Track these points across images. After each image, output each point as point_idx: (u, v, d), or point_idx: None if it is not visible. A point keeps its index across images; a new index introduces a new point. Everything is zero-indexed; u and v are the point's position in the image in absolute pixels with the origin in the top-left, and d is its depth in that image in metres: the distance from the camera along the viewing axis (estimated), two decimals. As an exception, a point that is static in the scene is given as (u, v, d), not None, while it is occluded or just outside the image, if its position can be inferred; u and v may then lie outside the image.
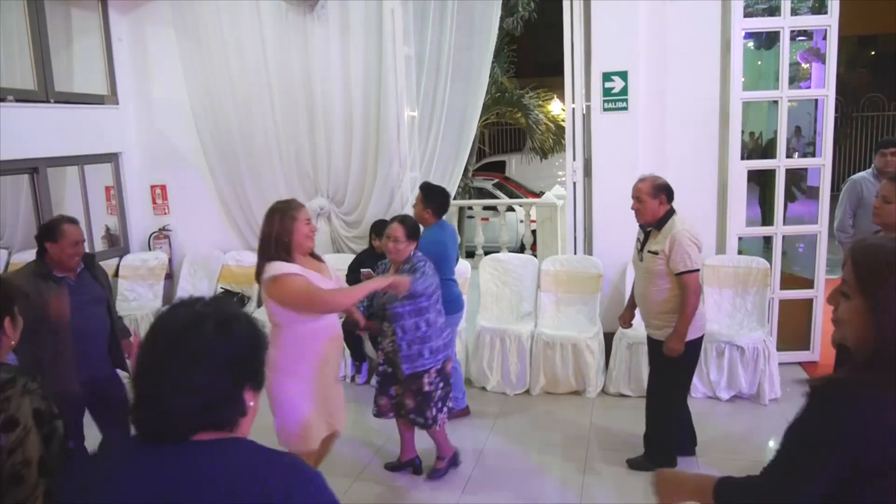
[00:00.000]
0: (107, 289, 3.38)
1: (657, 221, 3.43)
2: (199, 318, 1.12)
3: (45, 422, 1.74)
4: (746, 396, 4.43)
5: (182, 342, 1.10)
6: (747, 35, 4.71)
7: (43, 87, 5.08)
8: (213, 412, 1.11)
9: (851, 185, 4.72)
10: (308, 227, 2.94)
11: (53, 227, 3.12)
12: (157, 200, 6.09)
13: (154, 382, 1.10)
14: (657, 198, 3.42)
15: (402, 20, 5.06)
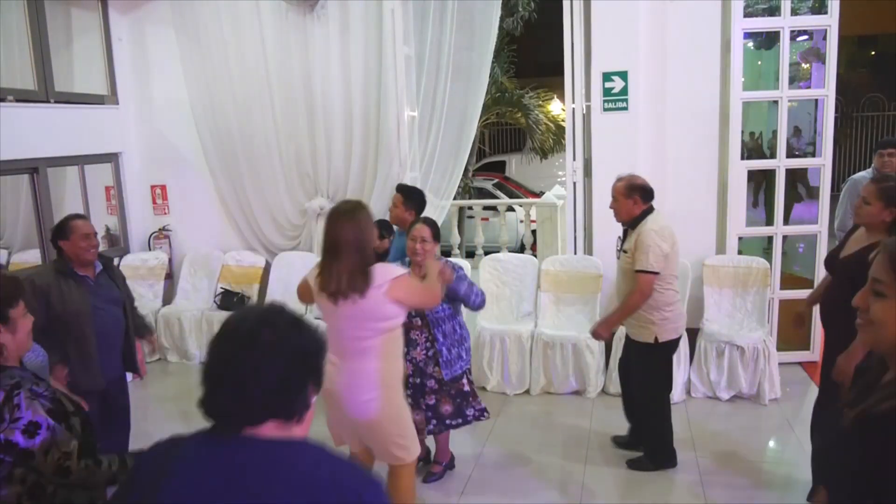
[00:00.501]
0: (123, 290, 3.43)
1: (632, 221, 3.49)
2: (272, 314, 1.23)
3: (63, 419, 1.79)
4: (746, 396, 4.43)
5: (258, 335, 1.19)
6: (747, 35, 4.70)
7: (43, 87, 5.08)
8: (285, 402, 1.20)
9: (852, 184, 4.72)
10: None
11: (63, 225, 3.19)
12: (157, 200, 6.09)
13: (233, 371, 1.18)
14: (631, 198, 3.47)
15: (402, 20, 5.06)
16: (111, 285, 3.34)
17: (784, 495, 3.42)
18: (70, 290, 3.12)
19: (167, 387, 5.21)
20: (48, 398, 1.79)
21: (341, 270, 2.51)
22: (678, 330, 3.52)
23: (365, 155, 5.34)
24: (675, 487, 3.51)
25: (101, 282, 3.28)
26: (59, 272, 3.15)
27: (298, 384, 1.21)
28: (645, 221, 3.43)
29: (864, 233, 2.99)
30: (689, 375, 4.56)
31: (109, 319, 3.27)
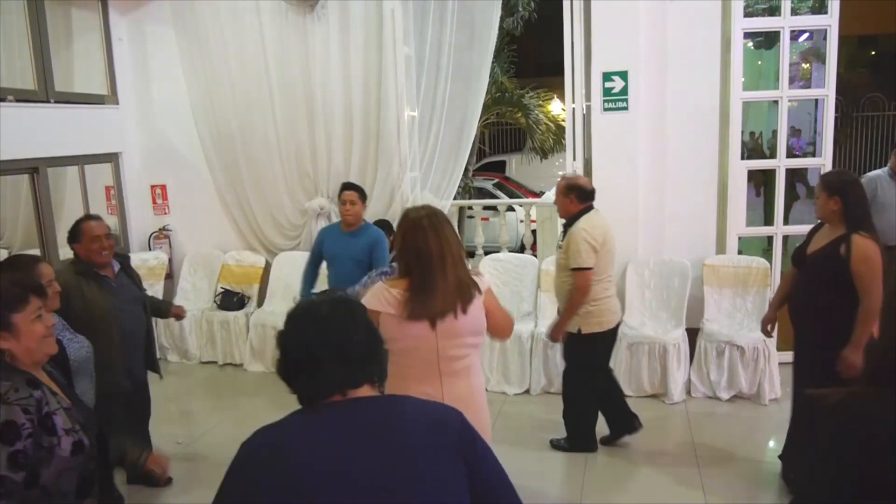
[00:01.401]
0: (142, 289, 3.45)
1: (569, 219, 3.67)
2: (332, 297, 1.41)
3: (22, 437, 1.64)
4: (747, 396, 4.43)
5: (338, 312, 1.35)
6: (746, 35, 4.70)
7: (43, 87, 5.08)
8: (376, 364, 1.37)
9: (867, 181, 4.73)
10: None
11: (74, 227, 3.20)
12: (158, 200, 6.09)
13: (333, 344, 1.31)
14: (567, 196, 3.66)
15: (402, 20, 5.06)
16: (131, 284, 3.35)
17: (784, 495, 3.41)
18: (92, 291, 3.10)
19: (167, 386, 5.20)
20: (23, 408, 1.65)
21: (447, 287, 2.18)
22: (603, 325, 3.64)
23: (365, 155, 5.34)
24: (675, 487, 3.51)
25: (122, 281, 3.29)
26: (80, 273, 3.12)
27: (380, 348, 1.39)
28: (579, 221, 3.61)
29: (829, 229, 3.10)
30: (689, 375, 4.57)
31: (132, 320, 3.27)
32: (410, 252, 2.21)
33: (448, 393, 2.23)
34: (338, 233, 4.28)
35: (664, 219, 4.84)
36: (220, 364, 5.57)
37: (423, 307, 2.17)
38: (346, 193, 4.21)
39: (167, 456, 2.35)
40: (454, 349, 2.24)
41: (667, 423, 4.30)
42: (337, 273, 4.20)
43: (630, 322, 4.72)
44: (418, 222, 2.22)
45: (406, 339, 2.19)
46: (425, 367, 2.23)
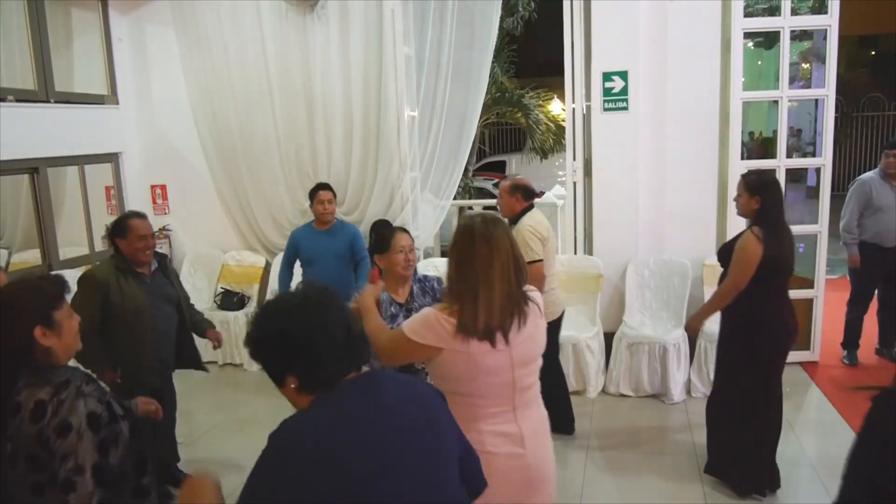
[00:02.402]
0: (178, 289, 3.49)
1: (514, 217, 3.81)
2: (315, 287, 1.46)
3: (102, 426, 1.68)
4: (746, 396, 4.43)
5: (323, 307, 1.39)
6: (747, 35, 4.70)
7: (43, 87, 5.08)
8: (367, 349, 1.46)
9: (860, 185, 4.73)
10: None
11: (121, 223, 3.24)
12: (158, 200, 6.09)
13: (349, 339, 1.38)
14: (514, 195, 3.83)
15: (403, 20, 5.06)
16: (166, 283, 3.40)
17: (784, 495, 3.41)
18: (129, 286, 3.18)
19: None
20: (95, 398, 1.71)
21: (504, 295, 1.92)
22: (548, 315, 3.71)
23: (365, 155, 5.34)
24: (674, 487, 3.51)
25: (157, 280, 3.34)
26: (119, 269, 3.19)
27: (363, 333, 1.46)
28: (523, 219, 3.78)
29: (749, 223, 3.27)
30: (690, 375, 4.57)
31: (164, 318, 3.34)
32: (461, 268, 1.95)
33: (526, 427, 1.99)
34: (313, 233, 4.37)
35: (664, 219, 4.85)
36: (220, 364, 5.57)
37: (474, 327, 1.88)
38: (322, 193, 4.36)
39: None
40: (528, 377, 2.01)
41: (667, 424, 4.30)
42: (318, 272, 4.26)
43: (630, 322, 4.73)
44: (470, 233, 1.96)
45: (480, 377, 1.91)
46: (498, 404, 1.96)
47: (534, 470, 1.99)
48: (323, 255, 4.29)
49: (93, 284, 3.16)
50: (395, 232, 2.82)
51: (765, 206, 3.15)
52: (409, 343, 1.94)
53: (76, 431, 1.62)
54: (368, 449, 1.28)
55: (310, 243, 4.35)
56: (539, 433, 2.05)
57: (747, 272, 3.12)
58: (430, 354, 1.93)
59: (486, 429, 1.92)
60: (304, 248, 4.37)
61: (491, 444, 1.91)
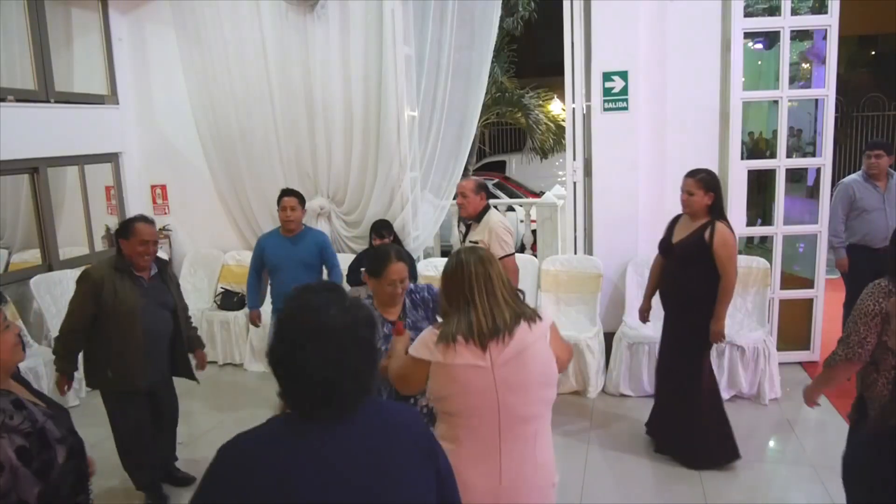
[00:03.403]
0: (176, 296, 3.49)
1: (477, 215, 3.93)
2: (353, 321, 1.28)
3: (35, 456, 1.63)
4: (747, 396, 4.43)
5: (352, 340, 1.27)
6: (747, 35, 4.70)
7: (43, 87, 5.08)
8: (371, 387, 1.32)
9: (843, 188, 4.72)
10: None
11: (127, 224, 3.26)
12: (158, 200, 6.09)
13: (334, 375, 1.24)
14: (479, 194, 3.96)
15: (403, 20, 5.06)
16: (164, 289, 3.41)
17: (784, 495, 3.42)
18: (124, 287, 3.19)
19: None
20: (24, 433, 1.63)
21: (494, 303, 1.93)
22: None
23: (365, 155, 5.34)
24: (675, 487, 3.51)
25: (155, 284, 3.36)
26: (116, 269, 3.21)
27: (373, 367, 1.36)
28: (489, 215, 3.92)
29: (689, 220, 3.56)
30: (690, 375, 4.56)
31: (158, 321, 3.34)
32: (450, 294, 1.98)
33: (508, 463, 1.91)
34: (279, 240, 4.26)
35: (665, 218, 4.80)
36: (220, 364, 5.57)
37: (459, 329, 1.89)
38: (286, 200, 4.21)
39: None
40: (523, 406, 1.91)
41: (667, 423, 4.29)
42: (284, 280, 4.18)
43: (630, 322, 4.72)
44: (457, 267, 1.98)
45: (458, 396, 1.89)
46: (480, 429, 1.90)
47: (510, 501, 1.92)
48: (288, 262, 4.18)
49: (88, 283, 3.18)
50: (390, 260, 2.53)
51: (716, 202, 3.47)
52: (410, 360, 2.00)
53: (9, 469, 1.58)
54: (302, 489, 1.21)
55: (275, 251, 4.23)
56: (523, 477, 1.93)
57: (735, 261, 3.43)
58: (424, 369, 1.94)
59: (464, 452, 1.88)
60: (269, 256, 4.25)
61: (465, 470, 1.81)
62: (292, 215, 4.19)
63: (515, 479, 1.93)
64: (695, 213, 3.52)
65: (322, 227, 5.60)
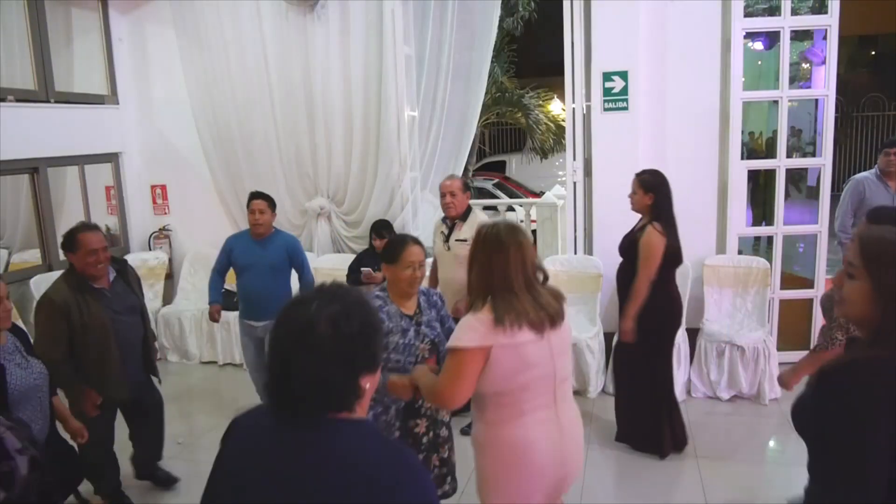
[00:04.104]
0: (140, 296, 3.39)
1: (463, 214, 4.04)
2: (313, 319, 1.20)
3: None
4: (747, 396, 4.43)
5: (302, 341, 1.20)
6: (747, 35, 4.70)
7: (43, 87, 5.08)
8: (335, 399, 1.23)
9: (854, 184, 4.71)
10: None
11: (70, 236, 3.10)
12: (158, 200, 6.09)
13: (283, 374, 1.21)
14: (465, 193, 4.07)
15: (403, 20, 5.06)
16: (127, 292, 3.29)
17: (784, 495, 3.41)
18: (88, 304, 3.06)
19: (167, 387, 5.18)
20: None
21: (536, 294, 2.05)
22: None
23: (365, 155, 5.34)
24: (675, 487, 3.51)
25: (117, 290, 3.23)
26: (74, 288, 3.06)
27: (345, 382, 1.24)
28: (475, 213, 4.05)
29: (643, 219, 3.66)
30: (690, 375, 4.56)
31: (128, 328, 3.25)
32: (483, 269, 2.04)
33: (564, 418, 2.13)
34: (248, 242, 4.19)
35: (664, 219, 4.84)
36: (220, 364, 5.57)
37: (514, 315, 1.97)
38: (255, 202, 4.13)
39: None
40: (566, 368, 2.13)
41: (667, 423, 4.30)
42: (251, 282, 4.15)
43: (630, 322, 4.73)
44: (492, 238, 2.06)
45: (526, 370, 2.00)
46: (541, 395, 2.06)
47: (572, 457, 2.15)
48: (256, 265, 4.13)
49: (53, 310, 3.00)
50: (407, 243, 2.55)
51: (657, 202, 3.56)
52: (462, 354, 1.97)
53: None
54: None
55: (243, 252, 4.18)
56: (574, 425, 2.18)
57: (655, 263, 3.50)
58: (483, 357, 1.97)
59: (529, 421, 2.02)
60: (237, 256, 4.20)
61: (534, 434, 2.04)
62: (261, 218, 4.11)
63: (569, 430, 2.14)
64: (638, 211, 3.69)
65: (322, 228, 5.61)
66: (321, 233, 5.62)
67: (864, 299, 1.45)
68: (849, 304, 1.49)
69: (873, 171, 4.77)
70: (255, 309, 4.17)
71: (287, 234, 4.36)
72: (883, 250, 1.44)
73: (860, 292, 1.45)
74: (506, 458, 2.06)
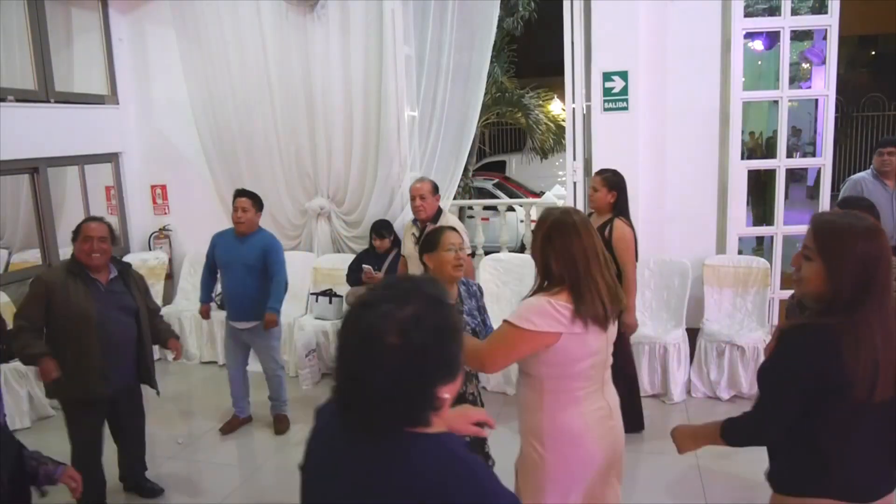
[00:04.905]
0: (140, 300, 3.33)
1: (433, 216, 4.04)
2: (380, 328, 1.09)
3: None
4: (747, 396, 4.43)
5: (367, 353, 1.10)
6: (747, 35, 4.70)
7: (43, 87, 5.08)
8: (408, 414, 1.13)
9: (852, 184, 4.71)
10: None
11: (77, 226, 3.15)
12: (158, 200, 6.09)
13: (352, 384, 1.13)
14: (435, 196, 4.08)
15: (403, 20, 5.06)
16: (125, 292, 3.25)
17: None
18: (77, 291, 3.06)
19: (167, 387, 5.20)
20: None
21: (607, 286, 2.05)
22: None
23: (365, 155, 5.34)
24: (674, 486, 3.51)
25: (114, 288, 3.21)
26: (70, 272, 3.10)
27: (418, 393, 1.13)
28: (446, 215, 4.05)
29: (596, 218, 3.79)
30: (690, 375, 4.57)
31: (117, 327, 3.19)
32: (564, 256, 2.03)
33: (612, 400, 2.18)
34: (231, 239, 4.21)
35: (664, 219, 4.84)
36: (220, 364, 5.56)
37: (594, 311, 1.99)
38: (238, 200, 4.17)
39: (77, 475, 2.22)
40: (610, 355, 2.16)
41: (667, 423, 4.28)
42: (229, 280, 4.19)
43: (630, 322, 4.73)
44: (567, 223, 2.05)
45: (587, 358, 2.03)
46: (594, 382, 2.10)
47: (620, 437, 2.19)
48: (233, 263, 4.16)
49: (39, 285, 3.07)
50: (443, 230, 2.69)
51: (619, 200, 3.74)
52: (522, 333, 1.98)
53: None
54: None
55: (225, 249, 4.21)
56: (618, 404, 2.22)
57: (633, 254, 3.69)
58: (545, 342, 1.97)
59: (585, 408, 2.06)
60: (219, 254, 4.23)
61: (590, 421, 2.08)
62: (243, 216, 4.12)
63: (616, 414, 2.19)
64: (599, 209, 3.78)
65: (322, 228, 5.60)
66: (321, 233, 5.62)
67: (818, 278, 1.65)
68: (805, 283, 1.70)
69: (870, 171, 4.77)
70: (234, 309, 4.18)
71: (267, 234, 4.32)
72: (833, 234, 1.64)
73: (815, 271, 1.66)
74: (564, 445, 2.07)
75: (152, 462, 3.77)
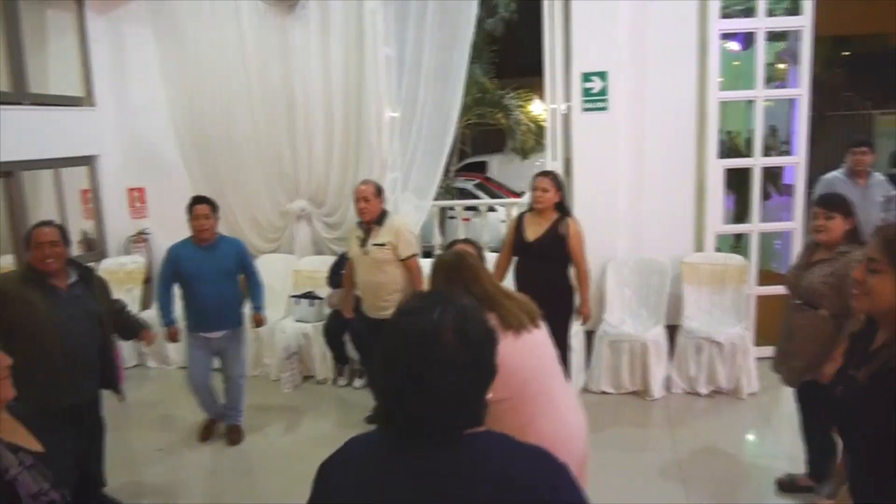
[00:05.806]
0: (104, 304, 3.21)
1: (377, 218, 4.05)
2: (438, 328, 1.11)
3: None
4: (725, 391, 4.49)
5: (429, 354, 1.10)
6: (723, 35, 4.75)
7: (17, 88, 4.99)
8: (470, 413, 1.14)
9: (825, 183, 4.80)
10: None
11: (27, 232, 3.01)
12: (136, 203, 6.02)
13: (407, 393, 1.10)
14: (379, 198, 4.08)
15: (383, 20, 5.05)
16: (87, 297, 3.11)
17: (762, 488, 3.46)
18: (34, 299, 2.92)
19: (146, 392, 5.16)
20: None
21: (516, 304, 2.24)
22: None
23: (345, 156, 5.32)
24: (655, 481, 3.55)
25: (75, 293, 3.06)
26: (26, 280, 2.95)
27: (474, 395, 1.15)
28: (391, 218, 4.10)
29: (536, 217, 3.90)
30: (669, 372, 4.61)
31: (80, 333, 3.04)
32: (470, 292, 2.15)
33: (574, 402, 2.30)
34: (194, 249, 4.02)
35: (643, 217, 4.89)
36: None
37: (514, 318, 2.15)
38: (198, 208, 3.97)
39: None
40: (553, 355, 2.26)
41: (647, 419, 4.34)
42: (204, 291, 3.97)
43: (610, 320, 4.77)
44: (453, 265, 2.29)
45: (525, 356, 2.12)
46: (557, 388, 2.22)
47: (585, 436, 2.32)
48: (206, 273, 3.98)
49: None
50: (456, 244, 2.97)
51: (563, 200, 3.94)
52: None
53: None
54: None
55: (192, 261, 3.99)
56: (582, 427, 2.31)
57: (584, 249, 3.89)
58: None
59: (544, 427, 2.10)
60: (186, 267, 4.00)
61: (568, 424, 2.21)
62: (206, 223, 3.95)
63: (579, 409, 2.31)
64: (546, 209, 3.86)
65: (303, 229, 5.58)
66: (302, 235, 5.59)
67: (890, 291, 1.51)
68: (876, 298, 1.55)
69: (842, 170, 4.86)
70: (209, 319, 4.02)
71: (232, 239, 4.26)
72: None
73: (886, 284, 1.52)
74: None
75: (131, 470, 3.71)
